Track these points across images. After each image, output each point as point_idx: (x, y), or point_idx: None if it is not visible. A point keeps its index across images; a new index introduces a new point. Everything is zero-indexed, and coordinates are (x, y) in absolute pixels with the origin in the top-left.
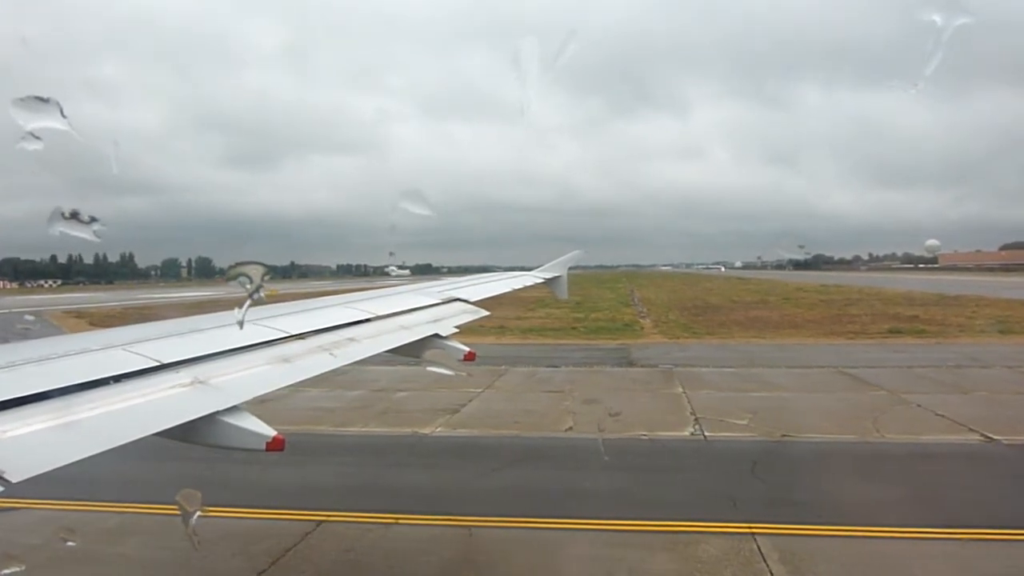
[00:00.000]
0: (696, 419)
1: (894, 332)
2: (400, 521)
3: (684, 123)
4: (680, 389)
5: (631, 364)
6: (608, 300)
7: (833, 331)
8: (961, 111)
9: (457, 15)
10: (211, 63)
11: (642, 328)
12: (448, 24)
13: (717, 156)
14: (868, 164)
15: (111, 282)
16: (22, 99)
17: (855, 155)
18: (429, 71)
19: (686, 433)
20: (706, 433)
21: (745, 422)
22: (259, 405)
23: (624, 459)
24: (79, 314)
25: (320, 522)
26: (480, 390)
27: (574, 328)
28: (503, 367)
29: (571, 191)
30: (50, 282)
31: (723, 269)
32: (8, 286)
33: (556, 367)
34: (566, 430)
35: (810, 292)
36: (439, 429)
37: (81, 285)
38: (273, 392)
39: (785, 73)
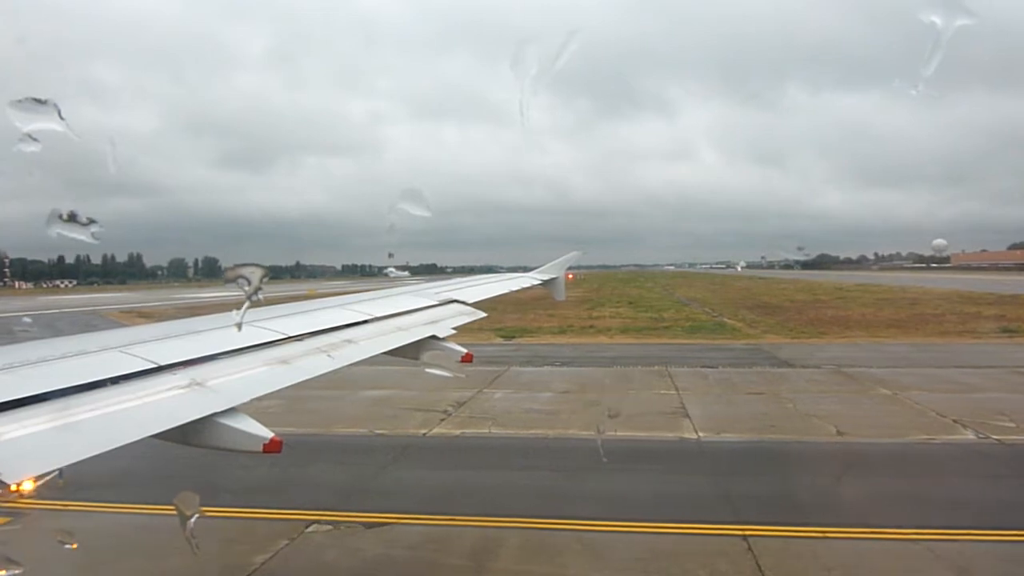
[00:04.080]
0: (955, 421)
1: (1007, 331)
2: (829, 535)
3: (681, 125)
4: (886, 391)
5: (788, 365)
6: (656, 300)
7: (941, 331)
8: (956, 112)
9: (445, 19)
10: (204, 67)
11: (739, 329)
12: (439, 28)
13: (713, 157)
14: (864, 164)
15: (124, 282)
16: (20, 101)
17: (850, 155)
18: (424, 74)
19: (970, 437)
20: (994, 436)
21: (1013, 424)
22: (461, 407)
23: (958, 465)
24: (139, 313)
25: (746, 536)
26: (673, 392)
27: (666, 328)
28: (655, 367)
29: (570, 192)
30: (65, 283)
31: (739, 268)
32: (24, 287)
33: (713, 367)
34: (837, 434)
35: (855, 291)
36: (704, 434)
37: (95, 286)
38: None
39: (778, 74)
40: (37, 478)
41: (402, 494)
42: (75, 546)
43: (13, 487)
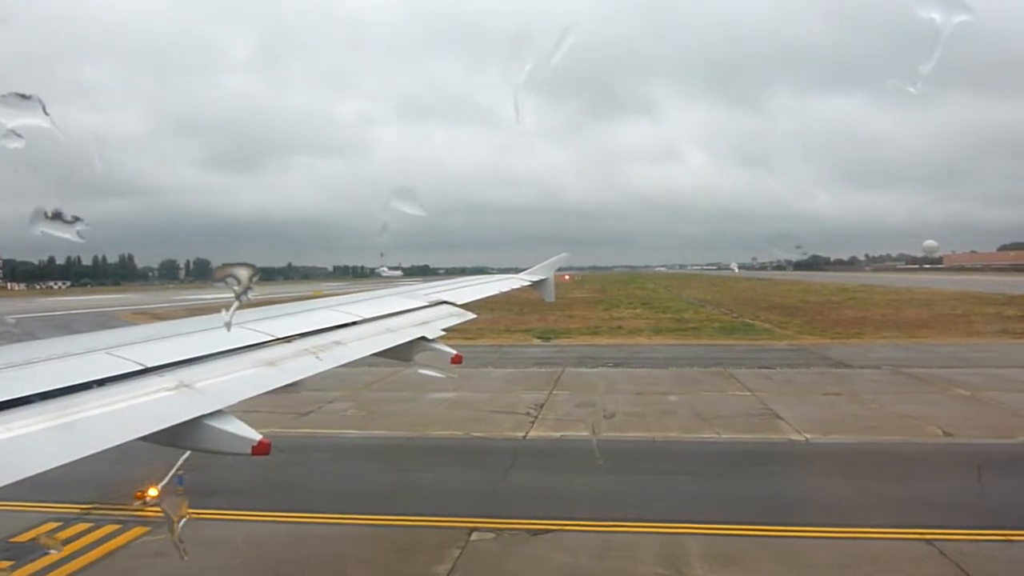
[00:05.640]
0: None
1: None
2: (1012, 538)
3: (671, 127)
4: (962, 391)
5: (845, 365)
6: (667, 301)
7: (974, 331)
8: (942, 115)
9: (433, 21)
10: (193, 68)
11: (770, 330)
12: (427, 30)
13: (702, 159)
14: (852, 167)
15: (117, 283)
16: (3, 96)
17: (838, 159)
18: (414, 77)
19: None
20: None
21: None
22: (542, 409)
23: None
24: (154, 315)
25: (930, 540)
26: (747, 393)
27: (695, 328)
28: (712, 368)
29: (560, 194)
30: (59, 284)
31: (735, 270)
32: (16, 288)
33: (770, 368)
34: (944, 435)
35: (862, 292)
36: (810, 436)
37: (88, 287)
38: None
39: (767, 78)
40: (159, 485)
41: (547, 499)
42: (50, 544)
43: (138, 494)
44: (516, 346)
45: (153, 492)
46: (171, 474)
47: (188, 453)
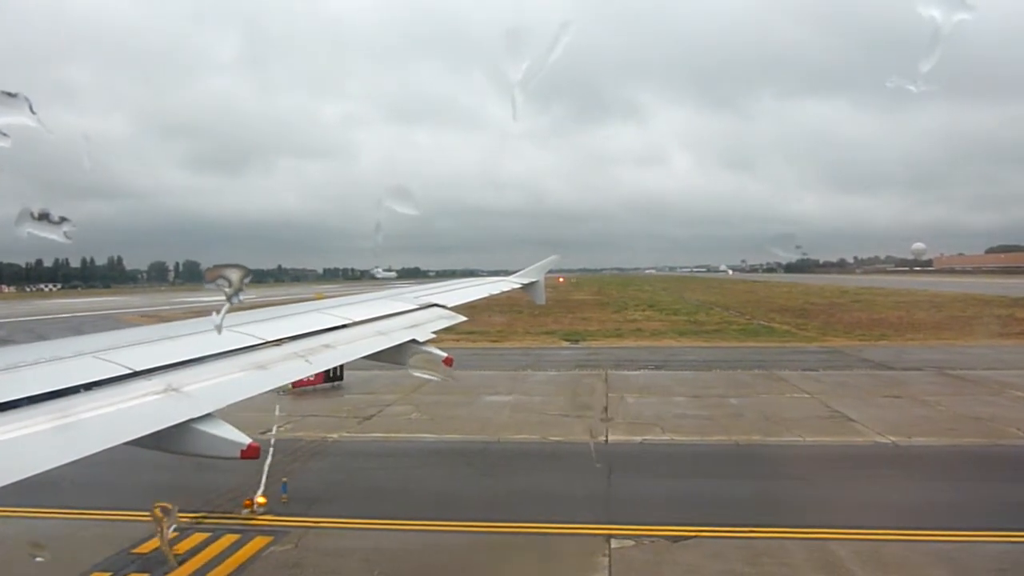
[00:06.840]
0: None
1: None
2: None
3: (659, 131)
4: (1019, 393)
5: (887, 367)
6: (673, 303)
7: (995, 333)
8: (928, 119)
9: (421, 24)
10: (179, 71)
11: (792, 332)
12: (418, 34)
13: (689, 163)
14: (837, 170)
15: (107, 286)
16: None
17: (824, 162)
18: (407, 81)
19: None
20: None
21: None
22: (606, 411)
23: None
24: (160, 317)
25: None
26: (805, 395)
27: (715, 331)
28: (754, 370)
29: (550, 196)
30: (50, 286)
31: (729, 273)
32: (6, 290)
33: (814, 370)
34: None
35: (865, 295)
36: (895, 439)
37: (78, 289)
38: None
39: (752, 82)
40: (265, 494)
41: (666, 504)
42: (35, 551)
43: (247, 502)
44: (546, 348)
45: (261, 500)
46: (263, 479)
47: (269, 461)
